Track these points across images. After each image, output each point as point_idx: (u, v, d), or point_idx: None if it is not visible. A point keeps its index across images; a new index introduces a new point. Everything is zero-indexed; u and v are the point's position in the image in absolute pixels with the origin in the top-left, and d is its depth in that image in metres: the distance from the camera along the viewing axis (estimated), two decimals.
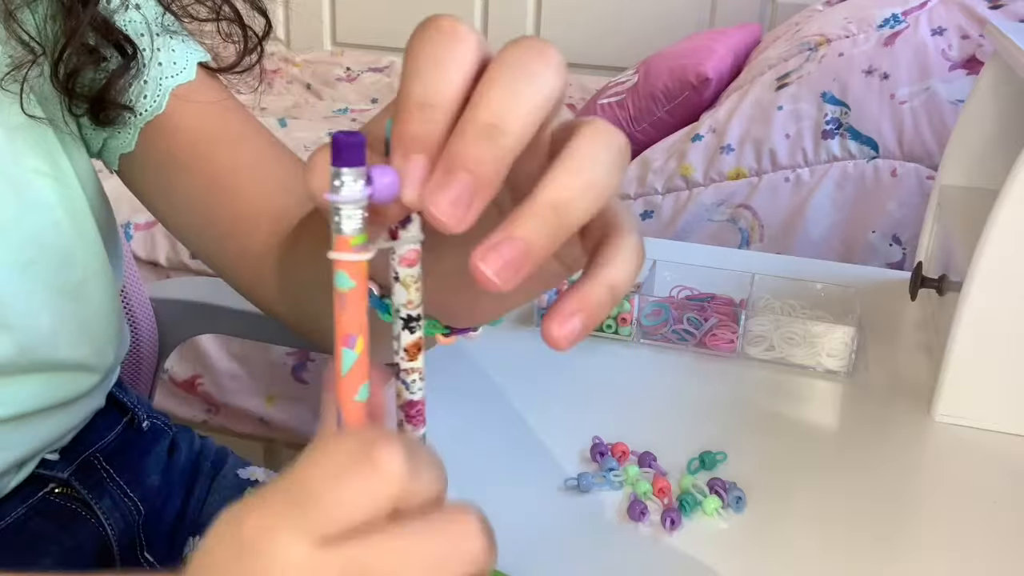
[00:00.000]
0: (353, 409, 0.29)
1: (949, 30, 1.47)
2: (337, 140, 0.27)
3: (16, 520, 0.64)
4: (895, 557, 0.55)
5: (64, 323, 0.60)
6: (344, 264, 0.28)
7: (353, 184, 0.27)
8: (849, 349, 0.73)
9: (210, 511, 0.74)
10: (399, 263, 0.30)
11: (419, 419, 0.32)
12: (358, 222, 0.28)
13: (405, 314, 0.31)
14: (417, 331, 0.31)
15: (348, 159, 0.27)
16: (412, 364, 0.31)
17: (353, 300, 0.28)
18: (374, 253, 0.28)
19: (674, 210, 1.53)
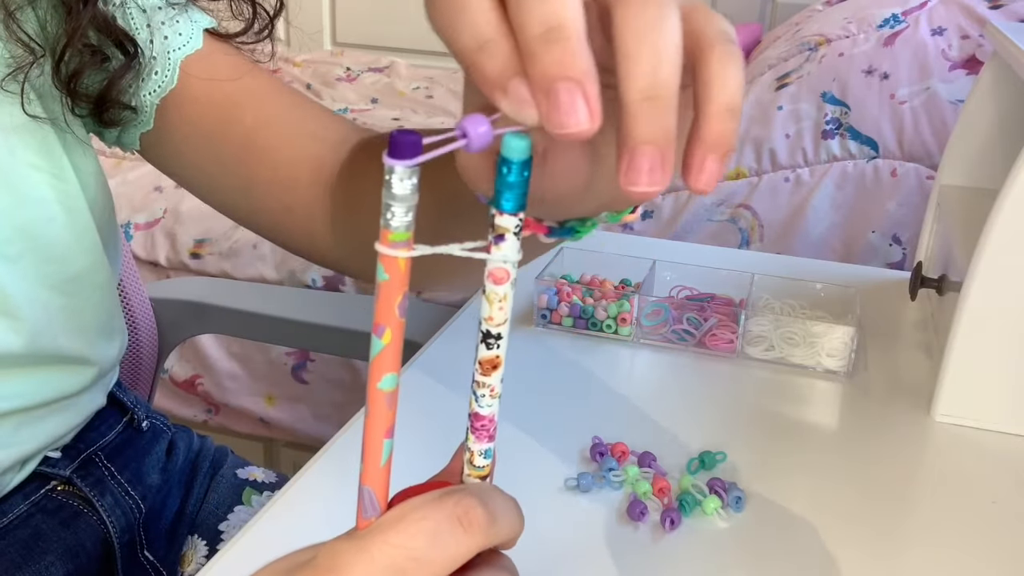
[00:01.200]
0: (376, 396, 0.30)
1: (949, 30, 1.47)
2: (394, 137, 0.27)
3: (19, 517, 0.64)
4: (895, 557, 0.55)
5: (56, 316, 0.60)
6: (384, 258, 0.28)
7: (403, 182, 0.27)
8: (849, 349, 0.73)
9: (208, 510, 0.74)
10: (487, 277, 0.30)
11: (483, 433, 0.32)
12: (403, 219, 0.28)
13: (485, 328, 0.31)
14: (494, 348, 0.31)
15: (402, 154, 0.27)
16: (484, 379, 0.31)
17: (387, 292, 0.29)
18: (416, 254, 0.28)
19: (674, 210, 1.53)
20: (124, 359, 0.93)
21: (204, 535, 0.73)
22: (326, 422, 1.57)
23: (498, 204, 0.29)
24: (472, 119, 0.29)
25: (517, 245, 0.30)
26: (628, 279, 0.83)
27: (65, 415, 0.65)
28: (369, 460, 0.31)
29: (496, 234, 0.30)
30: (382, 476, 0.31)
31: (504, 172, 0.29)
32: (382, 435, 0.30)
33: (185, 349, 1.57)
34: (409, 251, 0.28)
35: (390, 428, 0.30)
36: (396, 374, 0.30)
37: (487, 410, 0.32)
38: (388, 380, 0.30)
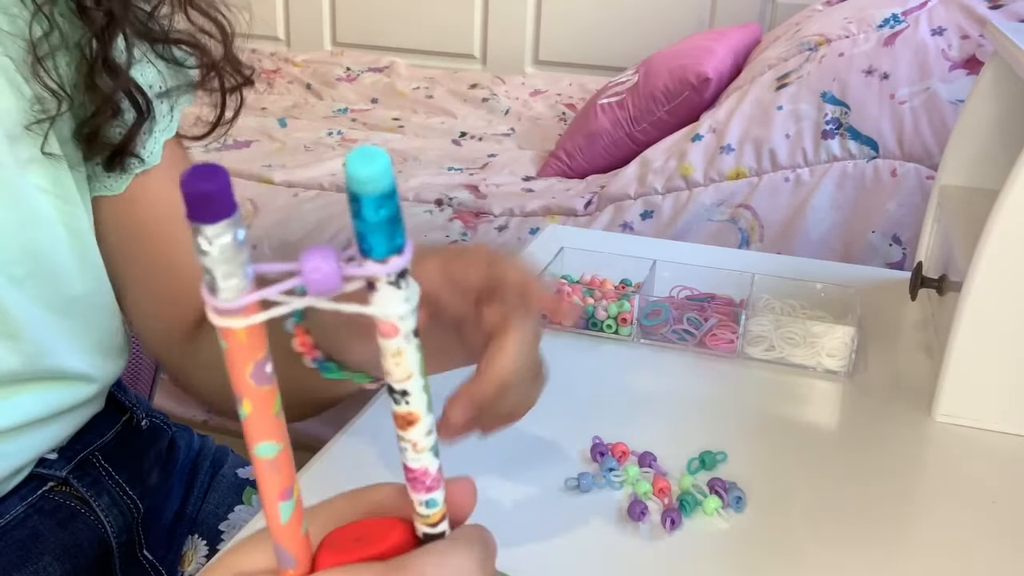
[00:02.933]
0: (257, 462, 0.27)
1: (949, 30, 1.47)
2: (186, 193, 0.22)
3: (15, 518, 0.64)
4: (895, 557, 0.55)
5: (58, 337, 0.60)
6: (223, 330, 0.24)
7: (212, 243, 0.22)
8: (849, 349, 0.73)
9: (209, 509, 0.74)
10: (377, 335, 0.25)
11: (419, 485, 0.28)
12: (227, 283, 0.23)
13: (388, 383, 0.27)
14: (402, 405, 0.27)
15: (203, 214, 0.22)
16: (403, 433, 0.27)
17: (232, 362, 0.25)
18: (252, 321, 0.24)
19: (674, 210, 1.53)
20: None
21: (204, 535, 0.73)
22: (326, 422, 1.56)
23: (362, 251, 0.24)
24: (315, 251, 0.24)
25: (400, 295, 0.24)
26: (628, 279, 0.83)
27: (64, 424, 0.65)
28: (270, 520, 0.28)
29: (369, 284, 0.24)
30: (288, 533, 0.28)
31: (356, 210, 0.23)
32: (276, 499, 0.27)
33: None
34: (248, 318, 0.24)
35: (284, 491, 0.27)
36: (273, 442, 0.26)
37: (415, 463, 0.28)
38: (262, 449, 0.26)
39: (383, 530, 0.29)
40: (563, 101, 2.30)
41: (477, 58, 2.74)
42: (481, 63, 2.73)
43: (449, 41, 2.73)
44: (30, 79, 0.56)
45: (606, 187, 1.62)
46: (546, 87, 2.40)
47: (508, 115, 2.28)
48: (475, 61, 2.74)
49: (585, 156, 1.78)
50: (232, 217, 0.22)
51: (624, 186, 1.58)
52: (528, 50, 2.67)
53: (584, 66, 2.56)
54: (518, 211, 1.62)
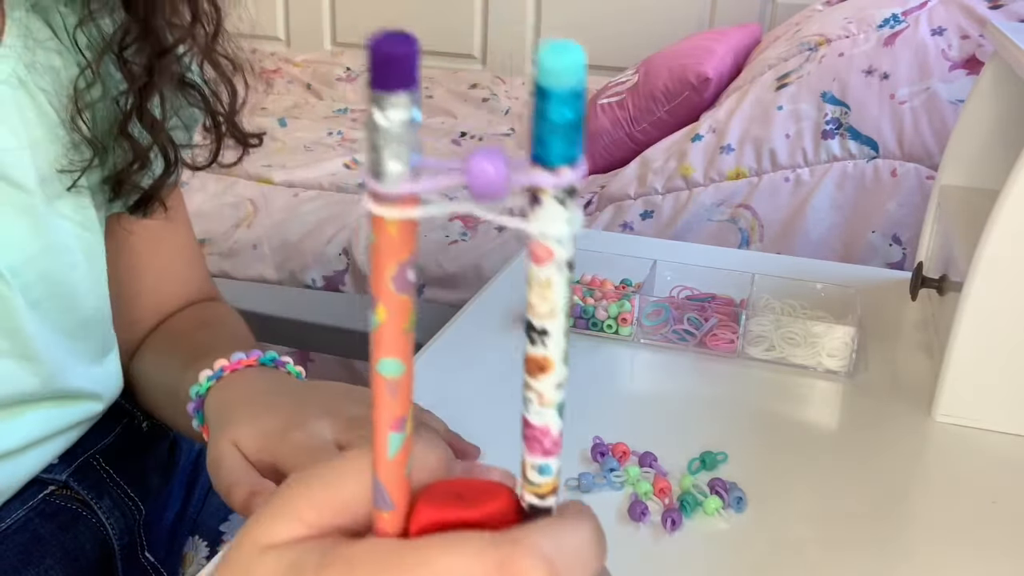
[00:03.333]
0: (377, 380, 0.25)
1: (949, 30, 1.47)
2: (375, 51, 0.20)
3: (17, 522, 0.64)
4: (895, 557, 0.55)
5: (69, 358, 0.62)
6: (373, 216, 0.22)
7: (387, 113, 0.20)
8: (849, 349, 0.73)
9: (210, 511, 0.74)
10: (529, 259, 0.23)
11: (535, 445, 0.26)
12: (393, 167, 0.21)
13: (527, 318, 0.24)
14: (538, 345, 0.24)
15: (387, 80, 0.20)
16: (531, 380, 0.25)
17: (376, 260, 0.23)
18: (413, 215, 0.22)
19: (674, 210, 1.53)
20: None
21: (205, 536, 0.73)
22: None
23: (534, 157, 0.21)
24: (483, 154, 0.21)
25: (564, 214, 0.22)
26: (628, 279, 0.83)
27: (67, 438, 0.66)
28: (378, 451, 0.26)
29: (532, 196, 0.22)
30: (392, 470, 0.26)
31: (541, 108, 0.20)
32: (388, 427, 0.25)
33: None
34: (405, 210, 0.22)
35: (398, 420, 0.25)
36: (399, 359, 0.24)
37: (537, 418, 0.25)
38: (387, 365, 0.24)
39: (486, 492, 0.27)
40: None
41: (477, 58, 2.74)
42: (481, 63, 2.73)
43: (449, 41, 2.73)
44: (69, 127, 0.58)
45: (606, 187, 1.62)
46: None
47: (508, 115, 2.28)
48: (475, 61, 2.74)
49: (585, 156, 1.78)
50: (413, 91, 0.20)
51: (624, 186, 1.58)
52: (528, 50, 2.67)
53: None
54: (518, 211, 1.62)
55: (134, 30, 0.58)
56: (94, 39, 0.59)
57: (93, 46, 0.58)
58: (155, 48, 0.59)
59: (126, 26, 0.58)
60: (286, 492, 0.27)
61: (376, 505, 0.26)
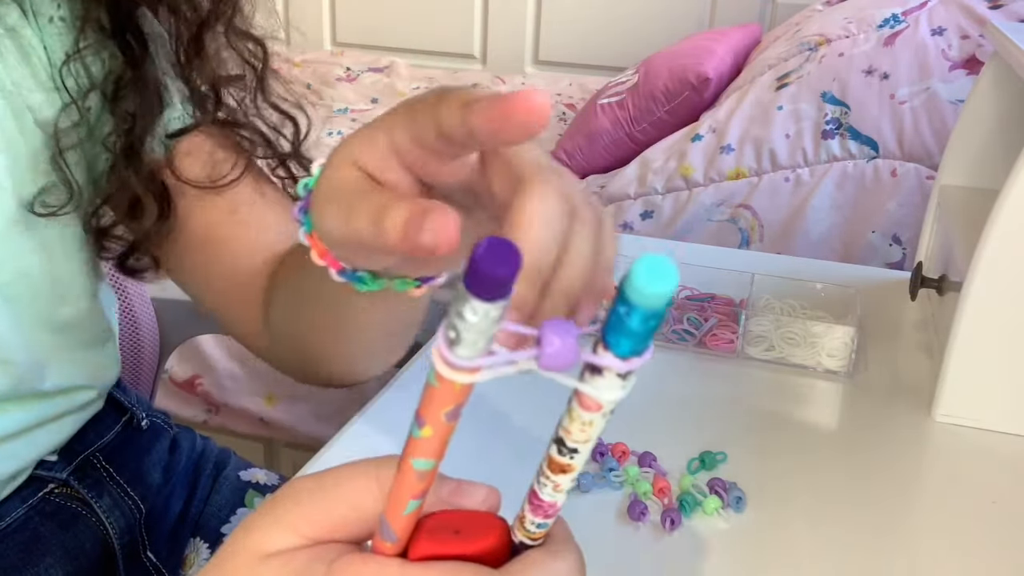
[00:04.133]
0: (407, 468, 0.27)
1: (949, 30, 1.47)
2: (475, 263, 0.21)
3: (16, 521, 0.64)
4: (895, 556, 0.55)
5: (53, 354, 0.60)
6: (438, 374, 0.24)
7: (477, 315, 0.22)
8: (849, 349, 0.73)
9: (211, 512, 0.74)
10: (575, 396, 0.26)
11: (540, 511, 0.29)
12: (471, 348, 0.23)
13: (560, 436, 0.27)
14: (566, 456, 0.27)
15: (481, 290, 0.22)
16: (551, 475, 0.28)
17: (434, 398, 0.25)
18: (477, 380, 0.24)
19: (674, 210, 1.53)
20: (126, 359, 0.93)
21: (206, 537, 0.73)
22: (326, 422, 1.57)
23: (606, 341, 0.23)
24: (555, 325, 0.24)
25: (620, 385, 0.24)
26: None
27: (63, 426, 0.65)
28: (392, 506, 0.28)
29: (592, 366, 0.24)
30: (403, 522, 0.28)
31: (622, 312, 0.22)
32: (407, 497, 0.28)
33: (185, 349, 1.57)
34: (470, 376, 0.24)
35: (420, 493, 0.28)
36: (433, 460, 0.27)
37: (548, 498, 0.28)
38: (422, 463, 0.27)
39: (482, 528, 0.29)
40: (563, 101, 2.30)
41: (477, 58, 2.73)
42: (481, 63, 2.73)
43: (449, 41, 2.73)
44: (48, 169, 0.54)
45: (606, 187, 1.62)
46: (546, 87, 2.40)
47: None
48: (475, 61, 2.74)
49: (585, 156, 1.78)
50: (507, 299, 0.22)
51: (624, 186, 1.58)
52: (528, 50, 2.67)
53: (584, 66, 2.55)
54: None
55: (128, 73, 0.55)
56: (81, 79, 0.55)
57: (80, 86, 0.55)
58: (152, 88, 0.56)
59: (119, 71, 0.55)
60: (279, 505, 0.29)
61: (381, 537, 0.28)
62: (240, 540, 0.29)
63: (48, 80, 0.55)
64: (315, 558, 0.28)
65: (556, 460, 0.27)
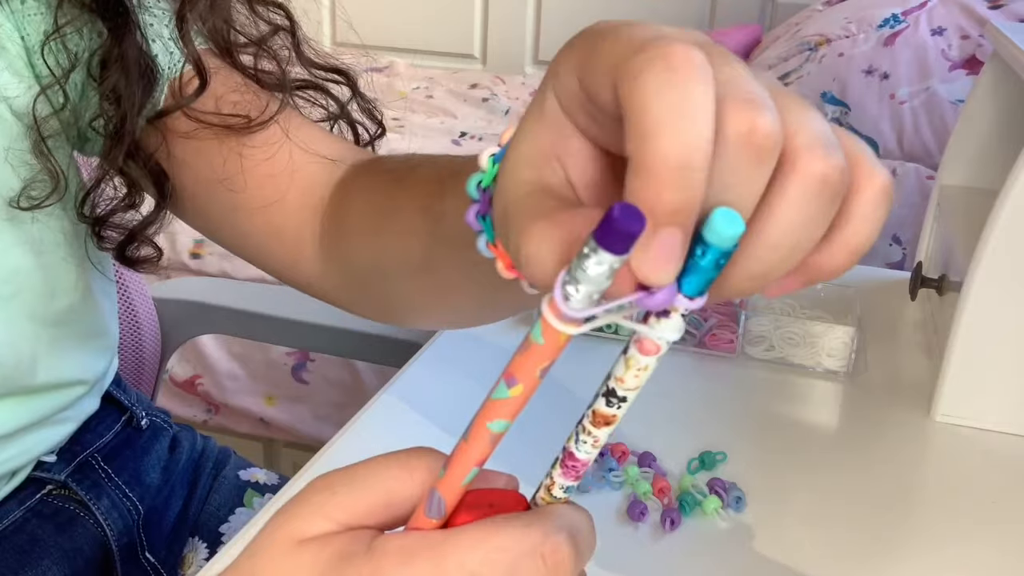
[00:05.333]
0: (482, 431, 0.29)
1: (949, 30, 1.47)
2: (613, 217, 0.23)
3: (14, 523, 0.64)
4: (895, 557, 0.55)
5: (45, 348, 0.59)
6: (547, 326, 0.26)
7: (601, 266, 0.24)
8: (849, 349, 0.73)
9: (210, 511, 0.74)
10: (635, 342, 0.27)
11: (571, 472, 0.30)
12: (583, 300, 0.25)
13: (612, 386, 0.29)
14: (614, 407, 0.29)
15: (611, 243, 0.23)
16: (593, 429, 0.29)
17: (535, 355, 0.27)
18: (583, 330, 0.26)
19: None
20: (127, 359, 0.93)
21: (205, 537, 0.73)
22: (326, 422, 1.57)
23: (679, 282, 0.25)
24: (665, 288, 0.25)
25: (680, 326, 0.26)
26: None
27: (56, 427, 0.65)
28: (452, 475, 0.29)
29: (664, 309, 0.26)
30: (458, 492, 0.30)
31: (698, 253, 0.25)
32: (473, 463, 0.29)
33: (185, 349, 1.57)
34: (577, 328, 0.26)
35: (482, 460, 0.29)
36: (510, 422, 0.29)
37: (584, 455, 0.30)
38: (500, 424, 0.29)
39: (513, 501, 0.31)
40: None
41: (477, 58, 2.73)
42: (481, 63, 2.73)
43: (449, 41, 2.73)
44: (31, 159, 0.52)
45: None
46: None
47: (508, 115, 2.28)
48: (475, 61, 2.74)
49: None
50: (628, 255, 0.24)
51: None
52: (528, 50, 2.67)
53: None
54: None
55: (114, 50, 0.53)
56: (62, 58, 0.52)
57: (61, 66, 0.52)
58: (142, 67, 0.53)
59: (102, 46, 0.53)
60: (318, 495, 0.30)
61: (427, 513, 0.30)
62: (276, 530, 0.30)
63: (26, 68, 0.53)
64: (353, 540, 0.29)
65: (602, 413, 0.29)
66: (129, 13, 0.53)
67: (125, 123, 0.53)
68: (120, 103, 0.53)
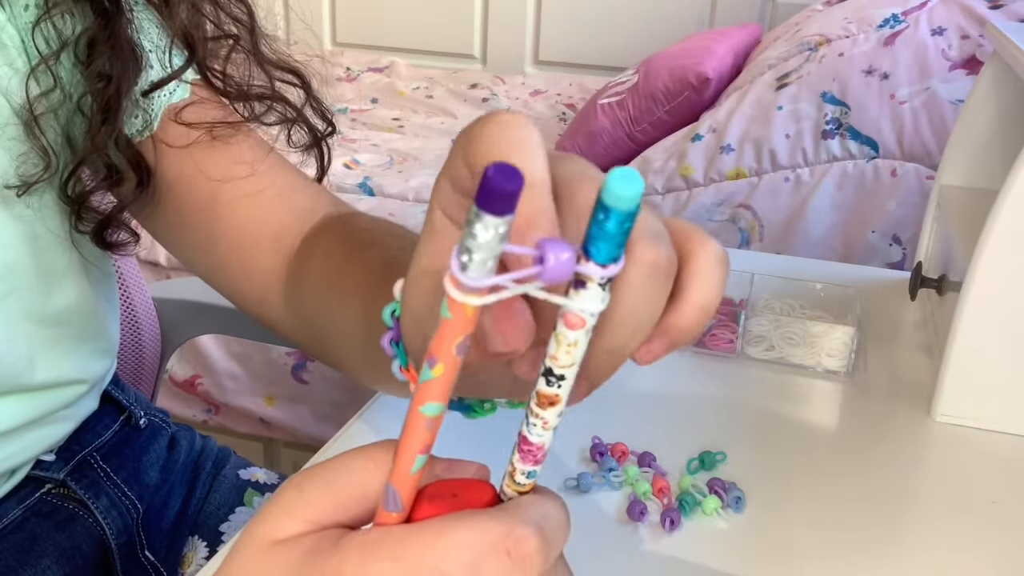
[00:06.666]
0: (416, 417, 0.28)
1: (949, 30, 1.47)
2: (488, 178, 0.24)
3: (13, 521, 0.64)
4: (895, 557, 0.55)
5: (42, 348, 0.60)
6: (451, 300, 0.26)
7: (488, 230, 0.25)
8: (849, 349, 0.73)
9: (210, 511, 0.74)
10: (560, 318, 0.27)
11: (529, 457, 0.30)
12: (480, 268, 0.25)
13: (548, 365, 0.28)
14: (554, 386, 0.28)
15: (492, 205, 0.24)
16: (539, 411, 0.29)
17: (447, 331, 0.27)
18: (487, 301, 0.26)
19: (674, 210, 1.53)
20: (127, 359, 0.93)
21: (205, 536, 0.73)
22: (326, 422, 1.57)
23: (586, 250, 0.26)
24: (553, 243, 0.26)
25: (600, 296, 0.27)
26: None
27: (55, 426, 0.65)
28: (400, 465, 0.29)
29: (578, 280, 0.27)
30: (410, 482, 0.29)
31: (601, 218, 0.26)
32: (415, 451, 0.29)
33: (185, 349, 1.57)
34: (480, 298, 0.26)
35: (426, 447, 0.29)
36: (443, 404, 0.28)
37: (537, 439, 0.29)
38: (432, 407, 0.28)
39: (478, 490, 0.31)
40: (563, 101, 2.30)
41: (477, 58, 2.74)
42: (481, 63, 2.73)
43: (449, 41, 2.73)
44: (22, 138, 0.53)
45: None
46: (546, 87, 2.40)
47: None
48: (475, 61, 2.74)
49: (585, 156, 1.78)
50: (513, 216, 0.25)
51: None
52: (528, 50, 2.67)
53: (584, 66, 2.55)
54: None
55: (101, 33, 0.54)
56: (51, 38, 0.53)
57: (50, 46, 0.53)
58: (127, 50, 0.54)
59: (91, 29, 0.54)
60: (287, 495, 0.30)
61: (386, 507, 0.29)
62: (250, 532, 0.30)
63: (19, 57, 0.54)
64: (322, 539, 0.29)
65: (544, 393, 0.29)
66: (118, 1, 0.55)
67: (111, 104, 0.54)
68: (109, 83, 0.54)
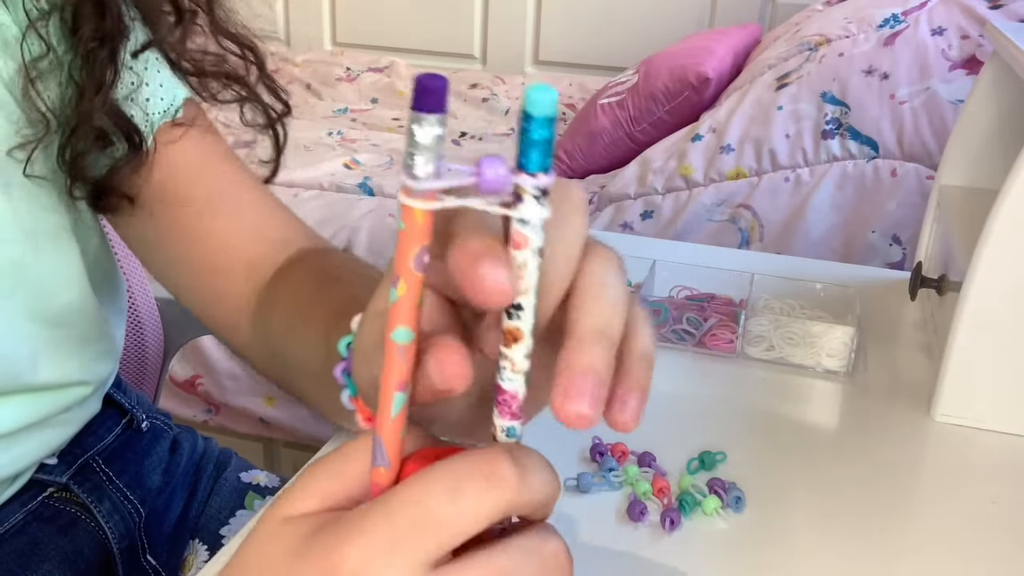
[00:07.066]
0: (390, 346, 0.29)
1: (949, 30, 1.47)
2: (419, 82, 0.27)
3: (15, 526, 0.64)
4: (895, 557, 0.55)
5: (45, 348, 0.60)
6: (404, 207, 0.28)
7: (425, 130, 0.27)
8: (849, 349, 0.73)
9: (211, 514, 0.74)
10: (508, 246, 0.29)
11: (504, 408, 0.31)
12: (424, 169, 0.27)
13: None
14: (514, 319, 0.29)
15: (426, 104, 0.27)
16: (505, 350, 0.30)
17: (403, 243, 0.28)
18: (438, 206, 0.28)
19: (674, 210, 1.53)
20: (130, 360, 0.93)
21: (205, 539, 0.73)
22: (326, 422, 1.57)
23: (520, 164, 0.28)
24: (490, 160, 0.28)
25: (539, 209, 0.28)
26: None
27: (58, 429, 0.65)
28: (381, 410, 0.30)
29: (516, 195, 0.28)
30: (393, 427, 0.30)
31: (526, 128, 0.28)
32: (394, 387, 0.30)
33: (186, 349, 1.57)
34: (429, 203, 0.28)
35: (403, 382, 0.30)
36: (410, 328, 0.29)
37: (508, 384, 0.30)
38: (401, 333, 0.29)
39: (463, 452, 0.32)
40: (563, 101, 2.30)
41: (477, 58, 2.74)
42: (481, 63, 2.73)
43: (449, 41, 2.73)
44: (20, 102, 0.53)
45: (606, 187, 1.62)
46: None
47: (508, 115, 2.28)
48: (475, 61, 2.74)
49: (585, 156, 1.78)
50: (444, 115, 0.27)
51: (624, 186, 1.58)
52: (528, 50, 2.67)
53: (584, 66, 2.55)
54: None
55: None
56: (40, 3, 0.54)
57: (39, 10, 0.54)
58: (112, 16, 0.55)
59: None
60: (303, 476, 0.32)
61: (374, 462, 0.31)
62: (269, 509, 0.32)
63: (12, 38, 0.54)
64: (328, 518, 0.30)
65: (507, 328, 0.29)
66: None
67: (98, 70, 0.55)
68: (97, 46, 0.54)
